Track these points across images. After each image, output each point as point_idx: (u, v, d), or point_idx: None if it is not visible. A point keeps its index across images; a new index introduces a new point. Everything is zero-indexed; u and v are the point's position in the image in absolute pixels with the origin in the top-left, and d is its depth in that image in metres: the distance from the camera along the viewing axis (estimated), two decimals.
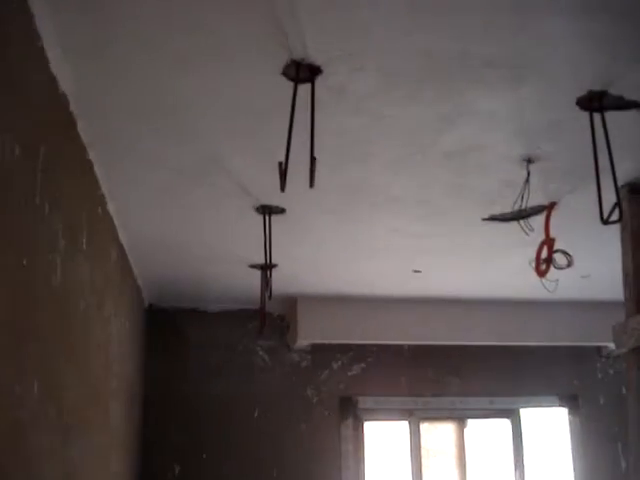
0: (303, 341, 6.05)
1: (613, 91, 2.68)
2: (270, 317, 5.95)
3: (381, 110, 2.82)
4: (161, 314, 6.17)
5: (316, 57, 2.45)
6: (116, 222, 3.99)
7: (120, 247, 4.30)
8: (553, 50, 2.41)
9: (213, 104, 2.76)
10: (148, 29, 2.29)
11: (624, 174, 3.35)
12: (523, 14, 2.21)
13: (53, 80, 2.47)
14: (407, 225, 4.19)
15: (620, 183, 3.32)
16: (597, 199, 2.89)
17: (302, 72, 2.51)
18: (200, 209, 3.95)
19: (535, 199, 3.57)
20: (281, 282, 5.08)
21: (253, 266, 4.89)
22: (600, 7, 2.20)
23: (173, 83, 2.62)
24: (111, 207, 3.77)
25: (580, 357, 6.60)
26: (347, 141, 3.09)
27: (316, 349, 6.25)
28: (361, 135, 3.04)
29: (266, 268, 4.49)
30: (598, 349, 6.63)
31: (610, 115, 2.79)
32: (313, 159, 2.52)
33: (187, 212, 4.00)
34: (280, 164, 2.52)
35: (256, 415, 6.16)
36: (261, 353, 6.26)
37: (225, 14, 2.21)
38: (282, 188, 2.48)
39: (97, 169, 3.29)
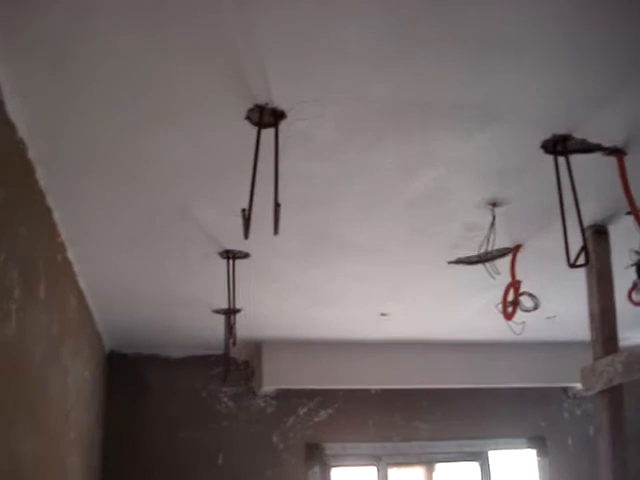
0: (268, 387, 5.96)
1: (577, 135, 2.69)
2: (235, 363, 5.89)
3: (344, 156, 2.79)
4: (122, 361, 6.05)
5: (280, 102, 2.42)
6: (76, 268, 3.90)
7: (80, 293, 4.20)
8: (516, 95, 2.41)
9: (176, 151, 2.72)
10: (110, 79, 2.25)
11: (589, 216, 3.37)
12: (485, 62, 2.21)
13: (12, 127, 2.41)
14: (373, 270, 4.17)
15: (585, 225, 3.32)
16: (563, 241, 2.88)
17: (266, 117, 2.48)
18: (163, 254, 3.88)
19: (501, 242, 3.57)
20: (246, 327, 5.01)
21: (217, 311, 4.82)
22: (562, 58, 2.21)
23: (135, 131, 2.57)
24: (71, 253, 3.68)
25: (547, 398, 6.59)
26: (311, 187, 3.06)
27: (282, 395, 6.16)
28: (325, 181, 3.01)
29: (230, 313, 4.42)
30: (565, 390, 6.63)
31: (574, 158, 2.79)
32: (277, 206, 2.48)
33: (150, 257, 3.93)
34: (243, 211, 2.47)
35: (220, 462, 6.03)
36: (225, 399, 6.15)
37: (188, 61, 2.18)
38: (245, 235, 2.43)
39: (56, 215, 3.21)
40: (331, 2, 1.91)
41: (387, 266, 4.10)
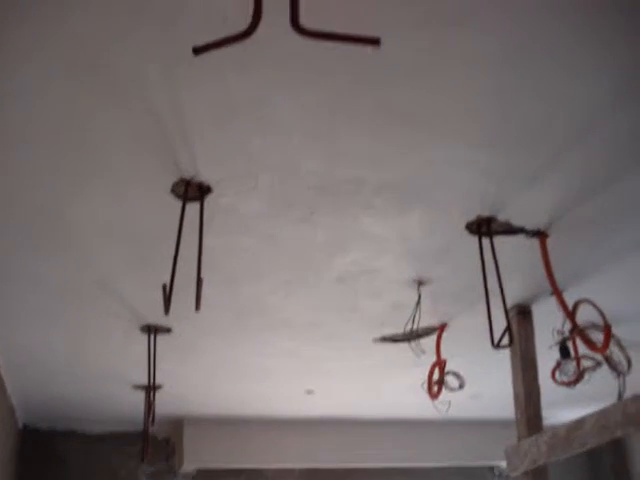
0: (189, 465, 5.75)
1: (501, 217, 2.73)
2: (155, 440, 5.66)
3: (273, 231, 2.77)
4: (36, 435, 5.74)
5: (206, 176, 2.40)
6: None
7: None
8: (441, 177, 2.44)
9: (99, 219, 2.65)
10: (32, 143, 2.19)
11: (513, 296, 3.41)
12: (415, 140, 2.23)
13: None
14: (299, 346, 4.11)
15: (509, 304, 3.36)
16: (487, 320, 2.90)
17: (191, 191, 2.45)
18: (82, 326, 3.74)
19: (426, 320, 3.57)
20: (166, 403, 4.85)
21: (137, 387, 4.65)
22: (489, 140, 2.25)
23: (57, 197, 2.49)
24: None
25: (474, 477, 6.53)
26: (238, 261, 3.02)
27: (203, 474, 5.93)
28: (252, 255, 2.97)
29: (150, 389, 4.26)
30: (491, 468, 6.58)
31: (498, 239, 2.83)
32: (199, 281, 2.42)
33: (68, 329, 3.78)
34: (164, 287, 2.40)
35: None
36: (144, 478, 5.89)
37: (114, 131, 2.14)
38: (166, 311, 2.36)
39: None
40: (263, 77, 1.91)
41: (314, 342, 4.05)
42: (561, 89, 2.03)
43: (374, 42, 1.18)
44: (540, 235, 2.87)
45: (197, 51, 1.23)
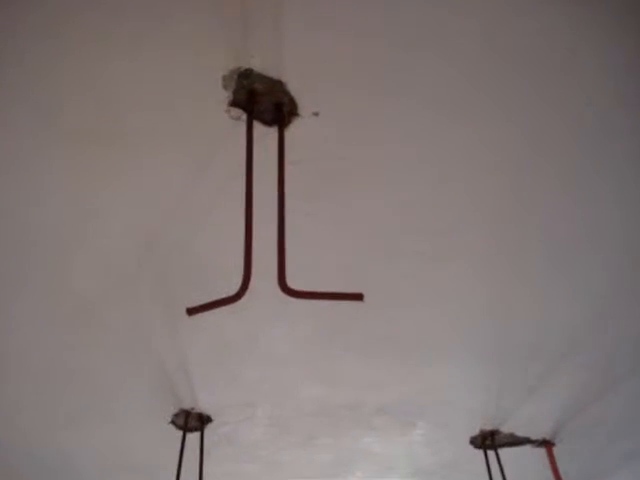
0: None
1: (505, 429, 2.71)
2: None
3: (274, 457, 2.74)
4: None
5: (206, 406, 2.41)
6: None
7: None
8: (440, 396, 2.46)
9: (97, 453, 2.63)
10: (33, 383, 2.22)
11: None
12: (414, 361, 2.27)
13: None
14: None
15: None
16: None
17: (191, 421, 2.45)
18: None
19: None
20: None
21: None
22: (482, 359, 2.28)
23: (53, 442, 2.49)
24: None
25: None
26: None
27: None
28: None
29: None
30: None
31: (505, 451, 2.78)
32: None
33: None
34: None
35: None
36: None
37: (115, 360, 2.18)
38: None
39: None
40: (257, 315, 1.97)
41: None
42: (553, 303, 2.09)
43: (358, 297, 1.25)
44: (546, 444, 2.83)
45: (190, 312, 1.30)
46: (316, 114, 1.52)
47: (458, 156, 1.59)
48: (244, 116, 1.51)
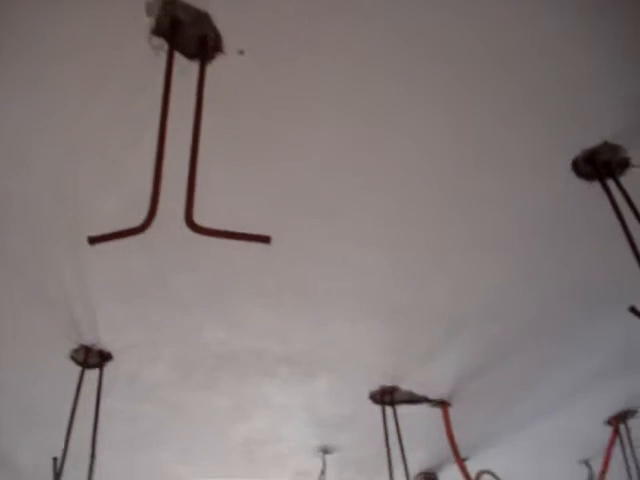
0: None
1: (404, 386, 2.76)
2: None
3: (176, 397, 2.72)
4: None
5: (108, 344, 2.37)
6: None
7: None
8: (344, 351, 2.48)
9: None
10: None
11: (418, 463, 3.39)
12: (318, 314, 2.28)
13: None
14: None
15: (416, 471, 3.35)
16: None
17: (91, 357, 2.41)
18: None
19: None
20: None
21: None
22: (387, 319, 2.32)
23: None
24: None
25: None
26: (139, 427, 2.92)
27: None
28: (154, 422, 2.89)
29: None
30: None
31: (403, 408, 2.84)
32: (93, 457, 2.33)
33: None
34: (55, 460, 2.30)
35: None
36: None
37: (11, 298, 2.11)
38: None
39: None
40: (164, 258, 1.94)
41: None
42: (460, 272, 2.13)
43: (265, 240, 1.23)
44: (443, 404, 2.90)
45: (93, 241, 1.26)
46: (241, 52, 1.49)
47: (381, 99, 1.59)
48: (166, 46, 1.46)
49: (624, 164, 1.76)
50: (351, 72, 1.52)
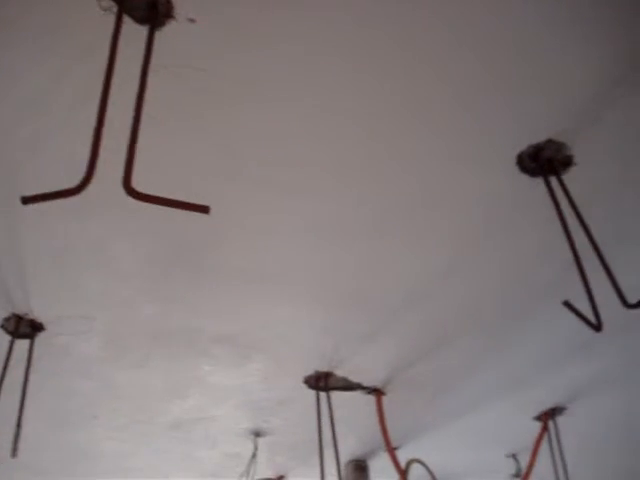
0: None
1: (339, 372, 2.77)
2: None
3: (109, 374, 2.68)
4: None
5: (40, 314, 2.32)
6: None
7: None
8: (280, 333, 2.48)
9: None
10: None
11: (350, 451, 3.41)
12: (253, 294, 2.26)
13: None
14: None
15: (347, 459, 3.37)
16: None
17: (22, 327, 2.35)
18: None
19: (263, 473, 3.50)
20: None
21: None
22: (324, 302, 2.31)
23: None
24: None
25: None
26: (70, 403, 2.88)
27: None
28: (86, 399, 2.85)
29: None
30: None
31: (337, 394, 2.85)
32: (19, 427, 2.28)
33: None
34: None
35: None
36: None
37: None
38: None
39: None
40: (102, 225, 1.90)
41: None
42: (396, 261, 2.13)
43: (204, 209, 1.21)
44: (376, 392, 2.92)
45: (26, 201, 1.22)
46: (192, 21, 1.46)
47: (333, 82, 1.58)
48: (116, 9, 1.42)
49: (567, 162, 1.79)
50: (305, 41, 1.50)
